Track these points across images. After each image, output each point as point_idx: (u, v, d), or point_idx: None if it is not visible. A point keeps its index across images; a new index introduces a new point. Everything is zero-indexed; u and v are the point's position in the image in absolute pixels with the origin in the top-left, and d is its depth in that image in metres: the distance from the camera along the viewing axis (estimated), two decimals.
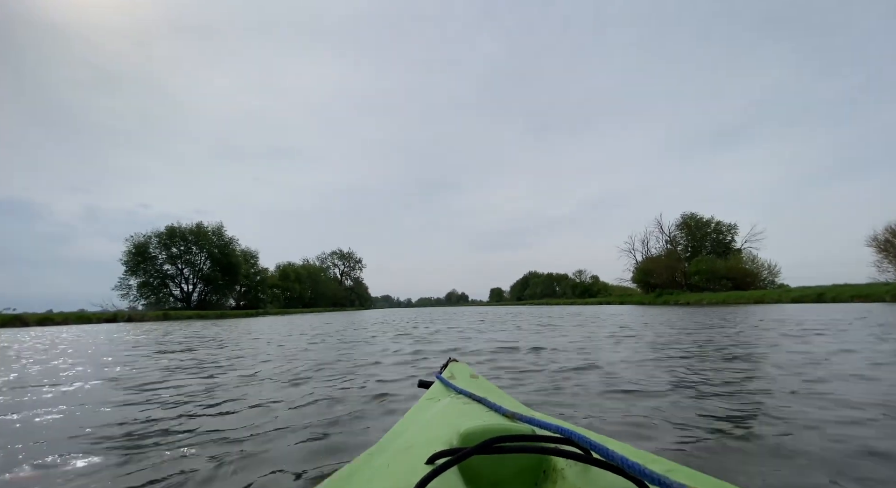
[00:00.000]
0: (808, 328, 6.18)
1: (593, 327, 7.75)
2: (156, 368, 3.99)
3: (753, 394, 2.21)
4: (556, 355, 4.02)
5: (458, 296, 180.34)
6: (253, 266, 47.78)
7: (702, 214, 43.49)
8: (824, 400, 2.04)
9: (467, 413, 0.80)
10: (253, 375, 3.37)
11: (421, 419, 0.85)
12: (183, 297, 38.82)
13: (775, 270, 35.90)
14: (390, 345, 5.47)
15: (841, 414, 1.80)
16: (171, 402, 2.45)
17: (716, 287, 36.37)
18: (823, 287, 23.29)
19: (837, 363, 3.09)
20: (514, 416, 0.72)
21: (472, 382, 1.17)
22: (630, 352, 4.04)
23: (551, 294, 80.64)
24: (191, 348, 6.09)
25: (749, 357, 3.57)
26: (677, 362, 3.38)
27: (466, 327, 8.89)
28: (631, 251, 48.09)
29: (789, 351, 3.84)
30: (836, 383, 2.42)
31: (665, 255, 43.04)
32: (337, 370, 3.48)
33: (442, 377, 1.17)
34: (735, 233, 42.08)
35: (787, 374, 2.72)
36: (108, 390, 2.91)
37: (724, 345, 4.46)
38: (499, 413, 0.77)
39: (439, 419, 0.80)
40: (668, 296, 34.86)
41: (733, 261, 37.22)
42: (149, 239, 36.98)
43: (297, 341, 6.63)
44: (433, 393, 1.07)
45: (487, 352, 4.39)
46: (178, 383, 3.12)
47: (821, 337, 4.90)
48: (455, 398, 0.95)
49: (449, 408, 0.86)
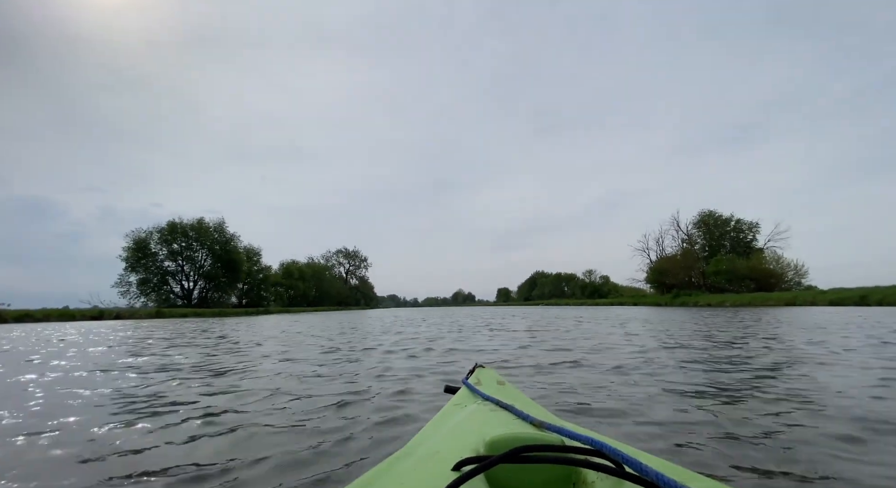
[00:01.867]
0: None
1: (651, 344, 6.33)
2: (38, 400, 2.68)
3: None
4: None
5: (464, 296, 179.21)
6: (256, 264, 46.83)
7: (721, 212, 41.55)
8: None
9: (494, 420, 0.78)
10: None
11: (447, 425, 0.84)
12: (184, 295, 37.89)
13: (802, 271, 33.90)
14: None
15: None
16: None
17: (736, 288, 34.48)
18: (866, 288, 21.40)
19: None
20: (543, 425, 0.69)
21: (499, 389, 1.14)
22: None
23: (560, 294, 78.87)
24: (146, 367, 4.81)
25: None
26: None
27: (500, 347, 5.90)
28: (645, 250, 46.26)
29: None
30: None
31: (681, 255, 41.17)
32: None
33: (469, 383, 1.16)
34: (757, 231, 40.00)
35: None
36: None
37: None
38: (526, 421, 0.75)
39: (466, 425, 0.78)
40: (685, 297, 33.08)
41: (755, 261, 35.28)
42: (149, 234, 36.03)
43: (306, 354, 4.58)
44: (459, 399, 1.06)
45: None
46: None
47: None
48: (482, 404, 0.93)
49: (475, 415, 0.85)
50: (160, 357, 4.48)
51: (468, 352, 4.30)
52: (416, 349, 4.69)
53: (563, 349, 4.35)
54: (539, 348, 4.53)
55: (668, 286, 40.04)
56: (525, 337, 6.03)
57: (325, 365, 3.63)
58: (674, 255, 41.91)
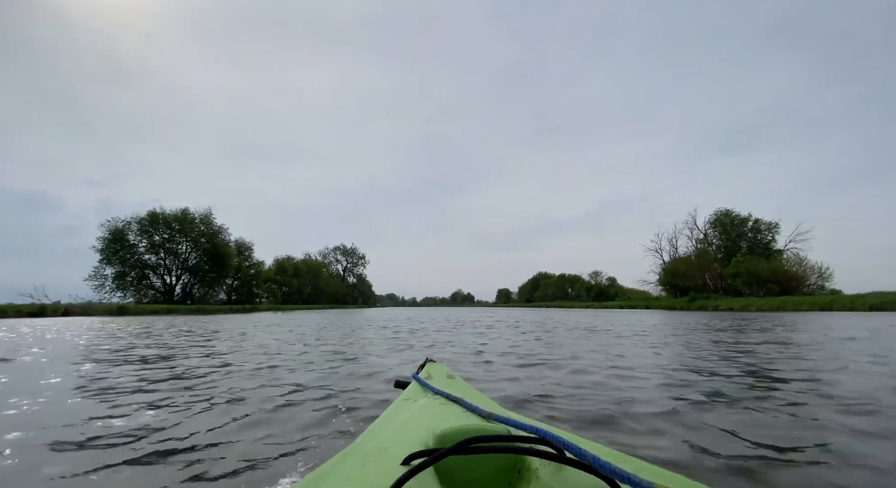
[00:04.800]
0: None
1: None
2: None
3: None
4: None
5: (463, 297, 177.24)
6: (247, 258, 44.55)
7: (738, 211, 39.15)
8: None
9: (444, 413, 0.78)
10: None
11: (397, 420, 0.83)
12: (165, 290, 35.57)
13: (826, 274, 31.44)
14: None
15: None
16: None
17: (757, 291, 32.10)
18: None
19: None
20: (491, 417, 0.71)
21: (450, 383, 1.14)
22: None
23: (563, 296, 76.47)
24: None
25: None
26: None
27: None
28: (658, 250, 43.81)
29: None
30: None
31: (696, 256, 38.79)
32: None
33: (419, 377, 1.14)
34: (776, 232, 37.57)
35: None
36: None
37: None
38: (475, 413, 0.75)
39: (415, 420, 0.78)
40: (704, 301, 30.71)
41: (775, 263, 32.90)
42: (127, 224, 33.57)
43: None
44: (410, 394, 1.05)
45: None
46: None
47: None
48: (432, 398, 0.93)
49: (425, 409, 0.85)
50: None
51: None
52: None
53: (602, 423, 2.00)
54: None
55: (681, 288, 37.67)
56: (511, 370, 3.73)
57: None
58: (688, 256, 39.52)
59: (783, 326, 8.63)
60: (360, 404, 2.11)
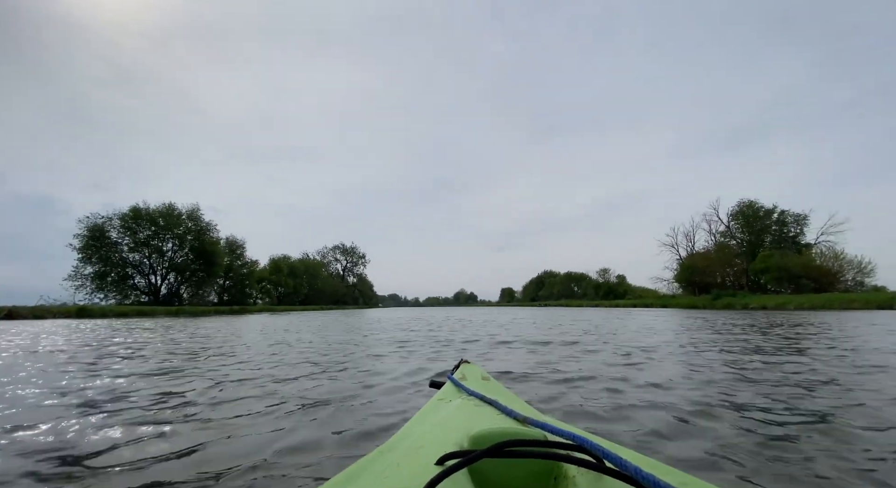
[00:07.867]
0: None
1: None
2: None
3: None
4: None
5: (466, 296, 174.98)
6: (239, 257, 42.28)
7: (762, 202, 36.65)
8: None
9: (478, 415, 0.78)
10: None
11: (432, 419, 0.83)
12: (150, 290, 33.28)
13: (867, 269, 28.89)
14: None
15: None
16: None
17: (787, 288, 29.63)
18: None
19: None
20: (526, 420, 0.70)
21: (484, 384, 1.13)
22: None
23: (569, 295, 74.02)
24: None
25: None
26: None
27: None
28: (674, 245, 41.35)
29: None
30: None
31: (717, 250, 36.31)
32: None
33: (454, 378, 1.13)
34: (805, 224, 35.02)
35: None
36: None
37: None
38: (510, 416, 0.75)
39: (450, 420, 0.77)
40: (730, 298, 28.24)
41: (807, 258, 30.41)
42: (108, 221, 31.26)
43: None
44: (444, 394, 1.04)
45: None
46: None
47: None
48: (466, 399, 0.92)
49: (460, 410, 0.84)
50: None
51: None
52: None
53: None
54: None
55: (700, 286, 35.21)
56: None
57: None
58: (707, 251, 37.05)
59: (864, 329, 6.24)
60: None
